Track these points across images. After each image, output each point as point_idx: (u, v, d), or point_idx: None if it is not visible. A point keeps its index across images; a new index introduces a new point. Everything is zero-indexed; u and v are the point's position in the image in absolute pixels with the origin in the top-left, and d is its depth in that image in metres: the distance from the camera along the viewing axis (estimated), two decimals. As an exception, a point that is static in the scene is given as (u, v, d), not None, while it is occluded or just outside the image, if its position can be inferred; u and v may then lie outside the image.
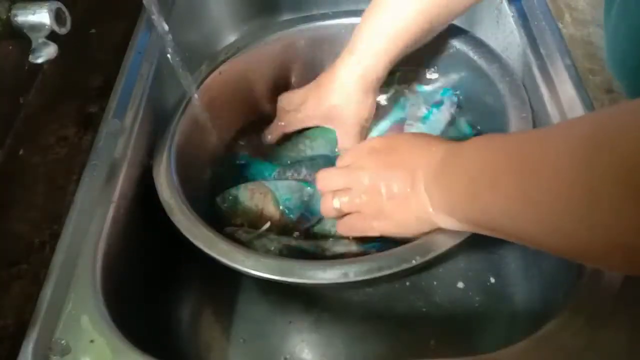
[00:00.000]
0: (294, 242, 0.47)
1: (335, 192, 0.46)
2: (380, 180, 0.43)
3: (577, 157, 0.27)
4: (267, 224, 0.49)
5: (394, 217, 0.43)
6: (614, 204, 0.25)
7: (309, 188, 0.53)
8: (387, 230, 0.44)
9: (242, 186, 0.52)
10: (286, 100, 0.58)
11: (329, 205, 0.46)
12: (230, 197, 0.51)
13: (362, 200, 0.44)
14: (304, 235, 0.51)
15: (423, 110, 0.58)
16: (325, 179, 0.47)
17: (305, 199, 0.52)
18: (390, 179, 0.42)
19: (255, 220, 0.50)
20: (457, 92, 0.59)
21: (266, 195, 0.51)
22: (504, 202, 0.33)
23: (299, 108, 0.56)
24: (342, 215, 0.46)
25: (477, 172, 0.36)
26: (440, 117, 0.57)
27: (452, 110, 0.58)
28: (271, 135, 0.60)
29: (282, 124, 0.59)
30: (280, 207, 0.50)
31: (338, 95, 0.52)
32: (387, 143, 0.46)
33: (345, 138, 0.54)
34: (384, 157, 0.44)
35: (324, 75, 0.54)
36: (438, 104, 0.58)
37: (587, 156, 0.26)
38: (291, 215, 0.50)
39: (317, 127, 0.57)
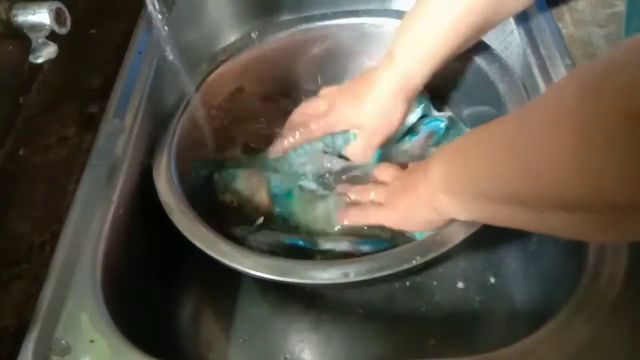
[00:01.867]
0: (286, 239, 0.48)
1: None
2: (405, 177, 0.46)
3: (564, 104, 0.27)
4: (261, 219, 0.50)
5: (403, 207, 0.44)
6: (606, 142, 0.24)
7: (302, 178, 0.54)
8: (394, 221, 0.45)
9: (241, 169, 0.55)
10: (311, 107, 0.55)
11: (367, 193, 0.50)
12: (229, 174, 0.54)
13: (384, 193, 0.47)
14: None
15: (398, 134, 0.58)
16: (384, 171, 0.51)
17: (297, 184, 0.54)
18: (410, 174, 0.46)
19: (245, 202, 0.52)
20: (444, 123, 0.57)
21: (260, 182, 0.53)
22: (494, 166, 0.34)
23: (327, 113, 0.53)
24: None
25: (470, 146, 0.37)
26: (407, 148, 0.57)
27: (427, 141, 0.57)
28: (277, 149, 0.56)
29: (291, 139, 0.55)
30: (270, 195, 0.53)
31: (372, 104, 0.50)
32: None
33: (365, 145, 0.53)
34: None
35: (358, 80, 0.52)
36: (412, 134, 0.58)
37: (574, 103, 0.26)
38: (277, 203, 0.53)
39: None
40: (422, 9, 0.48)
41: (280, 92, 0.62)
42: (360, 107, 0.51)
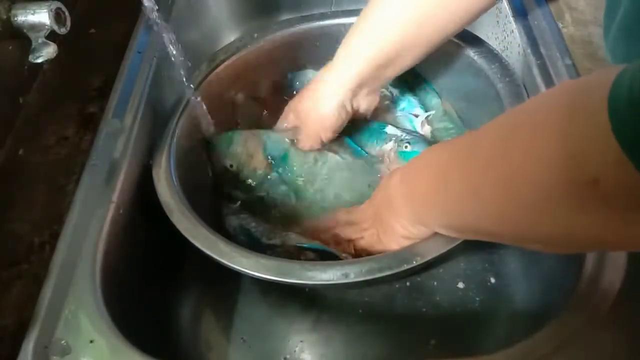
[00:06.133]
0: (251, 227, 0.51)
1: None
2: (376, 218, 0.46)
3: (530, 161, 0.27)
4: (238, 203, 0.54)
5: (394, 244, 0.44)
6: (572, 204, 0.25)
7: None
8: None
9: (238, 132, 0.56)
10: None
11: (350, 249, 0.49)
12: (227, 138, 0.56)
13: (372, 243, 0.47)
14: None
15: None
16: (343, 232, 0.50)
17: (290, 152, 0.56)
18: (380, 212, 0.46)
19: (244, 165, 0.55)
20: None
21: (258, 144, 0.55)
22: (457, 202, 0.36)
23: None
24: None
25: (429, 176, 0.39)
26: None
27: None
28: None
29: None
30: (268, 158, 0.55)
31: (310, 100, 0.54)
32: (374, 199, 0.48)
33: (306, 139, 0.55)
34: (373, 197, 0.48)
35: (309, 86, 0.55)
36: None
37: (541, 168, 0.26)
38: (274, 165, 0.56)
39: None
40: (367, 17, 0.50)
41: (280, 91, 0.62)
42: (302, 101, 0.55)
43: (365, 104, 0.55)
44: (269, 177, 0.55)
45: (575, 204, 0.25)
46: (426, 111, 0.62)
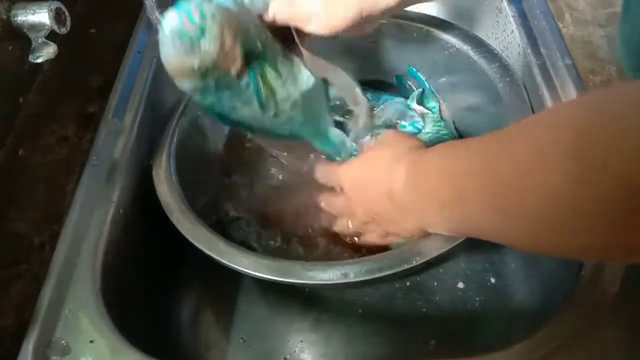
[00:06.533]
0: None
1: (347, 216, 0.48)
2: (370, 213, 0.45)
3: (558, 171, 0.26)
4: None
5: (396, 233, 0.44)
6: (608, 221, 0.24)
7: None
8: (397, 240, 0.45)
9: (208, 14, 0.38)
10: None
11: (345, 225, 0.48)
12: (192, 34, 0.38)
13: (368, 227, 0.46)
14: None
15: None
16: (332, 205, 0.49)
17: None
18: (377, 211, 0.44)
19: (213, 64, 0.40)
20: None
21: (237, 34, 0.40)
22: (470, 211, 0.35)
23: None
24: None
25: (438, 182, 0.37)
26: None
27: None
28: None
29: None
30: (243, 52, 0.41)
31: None
32: (359, 169, 0.46)
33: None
34: (364, 188, 0.45)
35: None
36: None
37: (573, 185, 0.25)
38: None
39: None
40: None
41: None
42: None
43: (368, 27, 0.47)
44: (240, 83, 0.42)
45: (624, 228, 0.24)
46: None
